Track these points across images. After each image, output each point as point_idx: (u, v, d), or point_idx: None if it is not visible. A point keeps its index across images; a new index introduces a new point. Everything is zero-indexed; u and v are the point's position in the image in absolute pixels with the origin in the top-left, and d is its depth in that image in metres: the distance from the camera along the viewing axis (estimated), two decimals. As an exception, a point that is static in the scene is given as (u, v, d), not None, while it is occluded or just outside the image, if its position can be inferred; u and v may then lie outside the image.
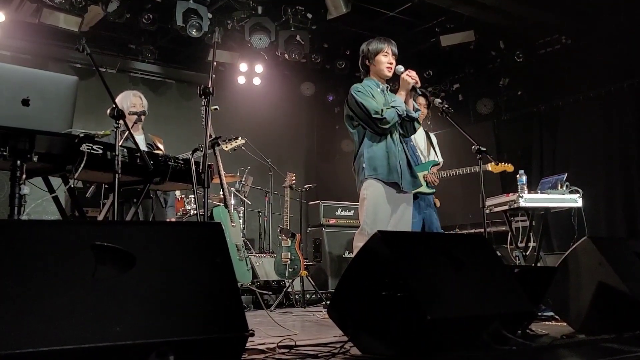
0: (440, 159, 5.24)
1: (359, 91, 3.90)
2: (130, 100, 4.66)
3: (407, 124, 4.02)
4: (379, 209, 3.78)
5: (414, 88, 3.87)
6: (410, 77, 3.86)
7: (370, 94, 3.89)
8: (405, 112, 3.88)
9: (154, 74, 9.28)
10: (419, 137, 5.16)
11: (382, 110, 3.79)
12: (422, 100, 5.04)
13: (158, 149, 4.85)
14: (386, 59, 3.96)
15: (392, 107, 3.83)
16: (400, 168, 3.86)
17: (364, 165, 3.84)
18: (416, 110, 4.01)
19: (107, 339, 1.65)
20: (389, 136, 3.89)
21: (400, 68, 3.95)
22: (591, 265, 3.13)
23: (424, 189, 4.94)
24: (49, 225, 1.86)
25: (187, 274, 1.93)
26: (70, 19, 6.94)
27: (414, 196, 4.50)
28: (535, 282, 3.11)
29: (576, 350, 2.69)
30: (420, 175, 4.93)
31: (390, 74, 3.98)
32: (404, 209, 3.94)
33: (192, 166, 3.74)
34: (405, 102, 3.92)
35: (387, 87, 4.09)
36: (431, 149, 5.24)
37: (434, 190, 5.00)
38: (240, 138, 5.29)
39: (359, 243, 3.72)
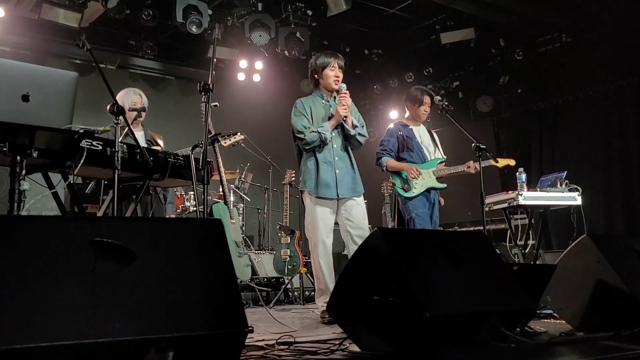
0: (444, 156, 5.26)
1: (295, 107, 4.30)
2: (131, 99, 4.65)
3: (350, 140, 4.29)
4: (316, 218, 4.14)
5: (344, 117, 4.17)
6: (344, 107, 4.16)
7: (306, 112, 4.23)
8: (326, 139, 4.14)
9: (153, 70, 9.26)
10: (423, 135, 5.20)
11: (305, 131, 4.14)
12: (428, 99, 5.07)
13: (157, 145, 4.85)
14: (333, 73, 4.26)
15: (317, 131, 4.13)
16: (337, 178, 4.15)
17: (300, 178, 4.29)
18: (355, 126, 4.24)
19: (107, 334, 1.65)
20: (320, 149, 4.20)
21: (343, 86, 4.22)
22: (590, 263, 3.13)
23: (435, 183, 5.00)
24: (49, 221, 1.86)
25: (186, 270, 1.93)
26: (70, 14, 6.93)
27: (427, 190, 4.95)
28: (534, 279, 3.12)
29: (574, 347, 2.69)
30: (429, 171, 5.01)
31: (336, 87, 4.26)
32: (350, 207, 4.20)
33: (192, 163, 3.74)
34: (344, 121, 4.20)
35: (334, 97, 4.33)
36: (435, 146, 5.26)
37: (445, 185, 5.04)
38: (239, 134, 5.29)
39: (310, 247, 4.23)
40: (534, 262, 5.43)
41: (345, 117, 4.18)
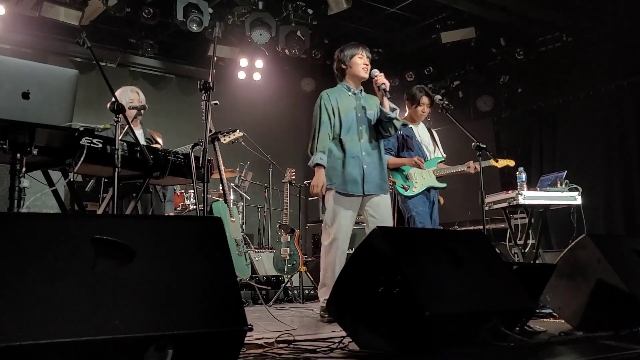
0: (443, 155, 5.27)
1: (321, 99, 4.14)
2: (128, 96, 4.65)
3: (386, 124, 4.15)
4: (338, 215, 4.00)
5: (385, 90, 4.07)
6: (383, 79, 4.11)
7: (332, 105, 4.09)
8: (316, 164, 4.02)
9: (154, 69, 9.26)
10: (422, 134, 5.20)
11: (320, 146, 4.03)
12: (425, 100, 5.07)
13: (157, 143, 4.85)
14: (362, 61, 4.19)
15: (319, 163, 3.99)
16: (364, 173, 4.03)
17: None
18: (393, 109, 4.13)
19: (106, 332, 1.65)
20: (348, 143, 4.07)
21: (375, 72, 4.16)
22: (590, 262, 3.13)
23: (435, 182, 5.00)
24: (49, 218, 1.86)
25: (186, 268, 1.93)
26: (71, 12, 6.93)
27: (427, 189, 4.94)
28: (534, 279, 3.12)
29: (574, 347, 2.69)
30: (429, 170, 5.02)
31: (366, 75, 4.18)
32: (377, 204, 4.07)
33: (192, 161, 3.74)
34: (382, 104, 4.10)
35: (361, 90, 4.27)
36: (435, 145, 5.26)
37: (445, 185, 5.04)
38: (238, 131, 5.28)
39: (324, 241, 4.08)
40: (533, 262, 5.43)
41: (385, 90, 4.06)
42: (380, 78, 4.10)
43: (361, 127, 4.11)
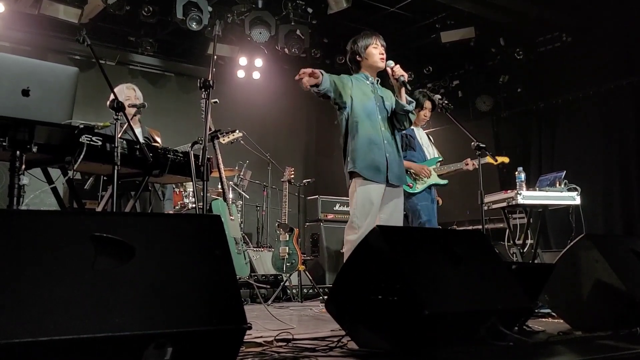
0: (440, 157, 5.30)
1: (344, 78, 3.95)
2: (125, 94, 4.63)
3: (401, 117, 4.00)
4: (366, 204, 3.76)
5: (403, 82, 3.90)
6: (400, 70, 3.91)
7: (347, 82, 3.92)
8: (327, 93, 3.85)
9: (153, 67, 9.25)
10: (422, 136, 5.25)
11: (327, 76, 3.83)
12: (428, 104, 5.10)
13: (155, 141, 4.84)
14: (377, 50, 4.00)
15: (328, 79, 3.83)
16: (387, 161, 3.84)
17: (349, 158, 3.85)
18: (409, 102, 4.00)
19: (106, 329, 1.65)
20: (371, 128, 3.87)
21: (391, 63, 3.98)
22: (588, 262, 3.14)
23: (437, 180, 5.06)
24: (49, 216, 1.86)
25: (186, 266, 1.93)
26: (70, 10, 6.92)
27: (429, 186, 4.95)
28: (533, 278, 3.12)
29: (572, 346, 2.70)
30: (431, 169, 5.08)
31: (383, 65, 3.99)
32: (394, 203, 3.92)
33: (192, 159, 3.74)
34: (399, 95, 3.95)
35: (378, 81, 4.11)
36: (432, 147, 5.30)
37: (447, 181, 5.08)
38: (237, 131, 5.29)
39: (348, 237, 3.75)
40: (532, 262, 5.44)
41: (404, 82, 3.91)
42: (398, 70, 3.92)
43: (380, 116, 3.96)
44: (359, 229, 3.69)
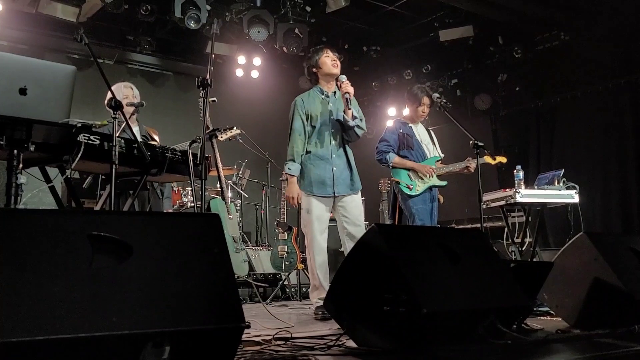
0: (441, 155, 5.28)
1: (295, 105, 4.30)
2: (122, 92, 4.62)
3: (348, 132, 4.27)
4: (311, 215, 4.15)
5: (347, 99, 4.17)
6: (348, 88, 4.20)
7: (305, 112, 4.23)
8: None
9: (151, 66, 9.23)
10: (422, 133, 5.22)
11: (293, 155, 4.23)
12: (427, 100, 5.08)
13: (153, 140, 4.83)
14: (329, 58, 4.26)
15: (290, 173, 4.21)
16: (334, 175, 4.15)
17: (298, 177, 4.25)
18: (354, 118, 4.21)
19: (104, 328, 1.65)
20: (316, 145, 4.22)
21: (343, 77, 4.26)
22: (587, 260, 3.14)
23: (437, 181, 5.03)
24: (47, 215, 1.85)
25: (184, 265, 1.93)
26: (68, 9, 6.91)
27: (429, 187, 4.99)
28: (531, 277, 3.12)
29: (571, 345, 2.70)
30: (432, 168, 5.04)
31: (337, 71, 4.27)
32: (346, 207, 4.20)
33: (190, 158, 3.73)
34: (344, 111, 4.19)
35: (334, 93, 4.34)
36: (433, 144, 5.28)
37: (446, 183, 5.06)
38: (235, 128, 5.27)
39: (307, 243, 4.21)
40: (531, 260, 5.44)
41: (347, 99, 4.16)
42: (346, 86, 4.19)
43: (332, 130, 4.24)
44: (307, 235, 4.23)
